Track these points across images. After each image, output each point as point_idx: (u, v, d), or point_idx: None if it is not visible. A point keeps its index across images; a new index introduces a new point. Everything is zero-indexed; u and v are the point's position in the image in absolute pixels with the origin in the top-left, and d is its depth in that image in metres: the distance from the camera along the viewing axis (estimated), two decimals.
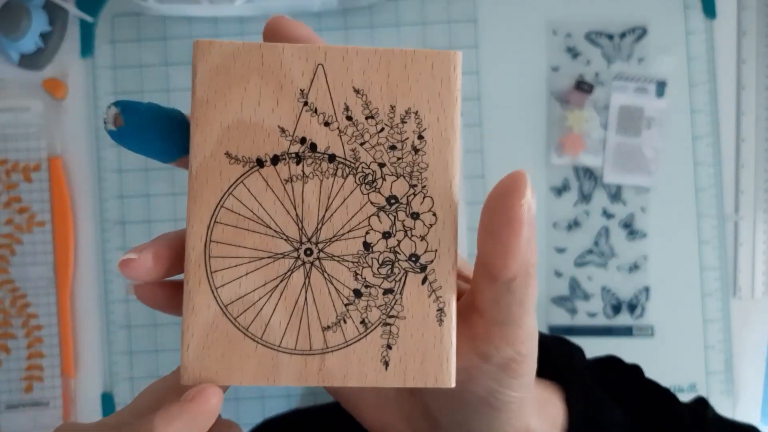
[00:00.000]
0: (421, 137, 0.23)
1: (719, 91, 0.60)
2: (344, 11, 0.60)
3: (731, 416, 0.57)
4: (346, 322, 0.23)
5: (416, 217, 0.24)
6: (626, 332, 0.59)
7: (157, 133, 0.24)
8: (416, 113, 0.23)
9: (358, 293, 0.23)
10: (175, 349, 0.59)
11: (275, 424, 0.53)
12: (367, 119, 0.23)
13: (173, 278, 0.25)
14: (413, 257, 0.23)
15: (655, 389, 0.37)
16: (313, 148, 0.23)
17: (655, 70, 0.59)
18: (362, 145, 0.23)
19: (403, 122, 0.23)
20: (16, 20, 0.57)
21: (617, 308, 0.59)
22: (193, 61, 0.23)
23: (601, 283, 0.59)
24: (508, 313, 0.24)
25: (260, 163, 0.23)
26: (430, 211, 0.24)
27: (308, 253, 0.23)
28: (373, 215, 0.23)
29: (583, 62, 0.59)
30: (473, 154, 0.60)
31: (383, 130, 0.23)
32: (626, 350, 0.39)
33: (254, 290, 0.23)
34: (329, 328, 0.23)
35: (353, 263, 0.23)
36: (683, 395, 0.41)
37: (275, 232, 0.23)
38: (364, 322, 0.23)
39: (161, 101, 0.63)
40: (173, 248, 0.24)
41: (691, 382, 0.59)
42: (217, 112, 0.23)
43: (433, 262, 0.23)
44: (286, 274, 0.23)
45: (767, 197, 0.59)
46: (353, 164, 0.23)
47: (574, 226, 0.60)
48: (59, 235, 0.60)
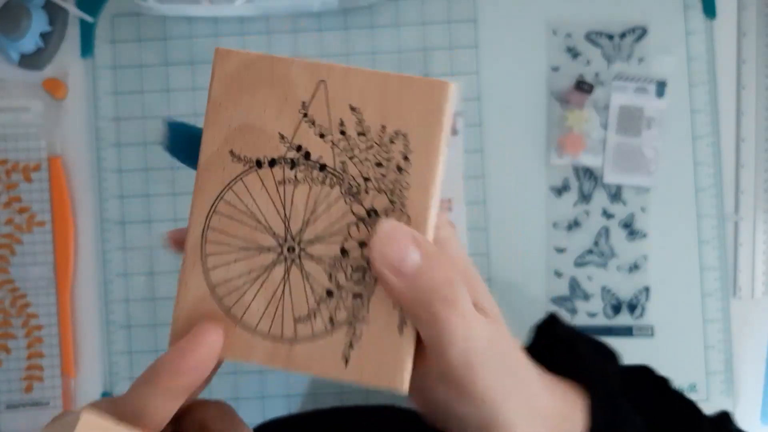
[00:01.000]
0: (406, 158, 0.25)
1: (719, 91, 0.60)
2: (344, 11, 0.60)
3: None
4: (315, 317, 0.25)
5: None
6: (626, 332, 0.59)
7: (194, 150, 0.26)
8: (405, 136, 0.25)
9: (330, 293, 0.25)
10: None
11: (274, 427, 0.53)
12: (359, 135, 0.25)
13: None
14: None
15: (680, 401, 0.37)
16: (307, 156, 0.25)
17: (655, 70, 0.59)
18: (351, 158, 0.25)
19: (391, 142, 0.25)
20: (16, 20, 0.57)
21: (617, 308, 0.59)
22: (212, 66, 0.26)
23: (601, 283, 0.59)
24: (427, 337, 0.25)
25: (259, 164, 0.25)
26: None
27: (291, 250, 0.25)
28: (353, 224, 0.25)
29: (583, 62, 0.59)
30: (473, 154, 0.60)
31: (372, 147, 0.25)
32: (626, 350, 0.39)
33: (239, 276, 0.25)
34: (300, 320, 0.25)
35: (329, 265, 0.25)
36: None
37: (264, 227, 0.25)
38: (332, 319, 0.25)
39: (161, 101, 0.63)
40: None
41: (691, 382, 0.59)
42: (227, 113, 0.25)
43: None
44: (268, 266, 0.25)
45: (767, 197, 0.59)
46: (341, 175, 0.25)
47: (574, 226, 0.60)
48: (59, 235, 0.60)
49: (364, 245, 0.25)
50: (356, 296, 0.25)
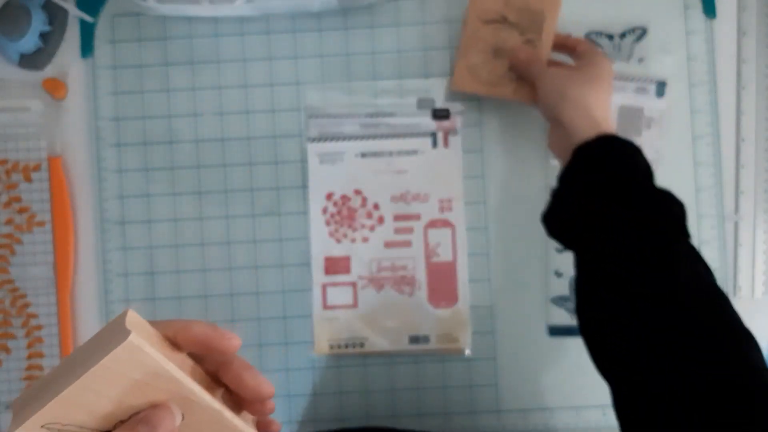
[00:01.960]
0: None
1: (719, 91, 0.60)
2: (344, 11, 0.60)
3: None
4: None
5: None
6: None
7: None
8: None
9: None
10: None
11: None
12: None
13: None
14: None
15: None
16: None
17: (655, 70, 0.59)
18: None
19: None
20: (16, 20, 0.57)
21: None
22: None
23: None
24: None
25: None
26: None
27: None
28: None
29: None
30: (473, 154, 0.60)
31: None
32: None
33: None
34: None
35: None
36: None
37: None
38: None
39: (161, 101, 0.63)
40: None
41: None
42: None
43: None
44: None
45: (767, 197, 0.59)
46: None
47: None
48: (59, 235, 0.60)
49: None
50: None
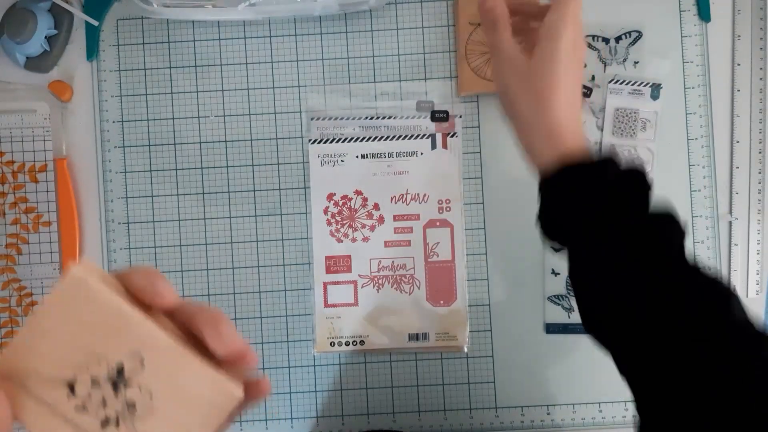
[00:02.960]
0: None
1: (714, 93, 0.61)
2: (345, 16, 0.61)
3: None
4: None
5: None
6: None
7: None
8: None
9: None
10: None
11: None
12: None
13: None
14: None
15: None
16: None
17: (650, 72, 0.60)
18: None
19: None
20: (22, 24, 0.58)
21: None
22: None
23: None
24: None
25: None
26: None
27: None
28: None
29: None
30: (472, 156, 0.61)
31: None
32: None
33: None
34: None
35: None
36: None
37: None
38: None
39: (165, 103, 0.64)
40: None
41: None
42: None
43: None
44: None
45: (761, 198, 0.60)
46: None
47: None
48: (65, 235, 0.61)
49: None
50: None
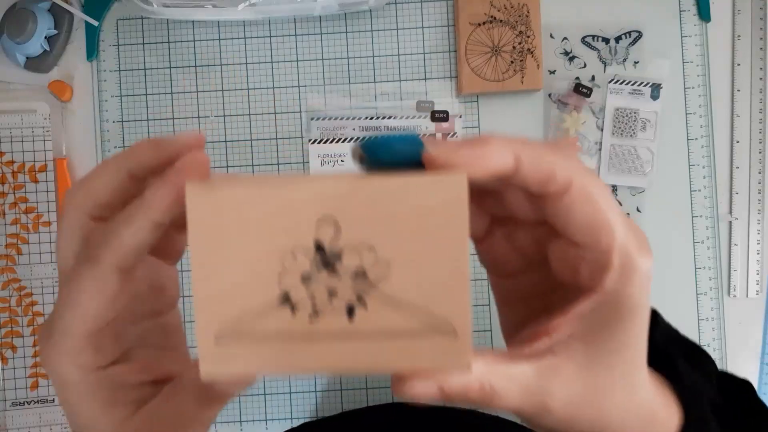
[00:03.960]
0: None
1: (714, 93, 0.61)
2: (345, 15, 0.61)
3: None
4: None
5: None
6: None
7: (391, 160, 0.24)
8: None
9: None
10: None
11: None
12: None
13: None
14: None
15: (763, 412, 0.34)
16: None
17: (650, 72, 0.60)
18: None
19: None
20: (22, 24, 0.58)
21: None
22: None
23: None
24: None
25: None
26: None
27: None
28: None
29: (579, 65, 0.60)
30: None
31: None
32: None
33: None
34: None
35: None
36: None
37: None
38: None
39: (165, 103, 0.64)
40: None
41: None
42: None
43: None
44: None
45: (761, 198, 0.60)
46: None
47: None
48: None
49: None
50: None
